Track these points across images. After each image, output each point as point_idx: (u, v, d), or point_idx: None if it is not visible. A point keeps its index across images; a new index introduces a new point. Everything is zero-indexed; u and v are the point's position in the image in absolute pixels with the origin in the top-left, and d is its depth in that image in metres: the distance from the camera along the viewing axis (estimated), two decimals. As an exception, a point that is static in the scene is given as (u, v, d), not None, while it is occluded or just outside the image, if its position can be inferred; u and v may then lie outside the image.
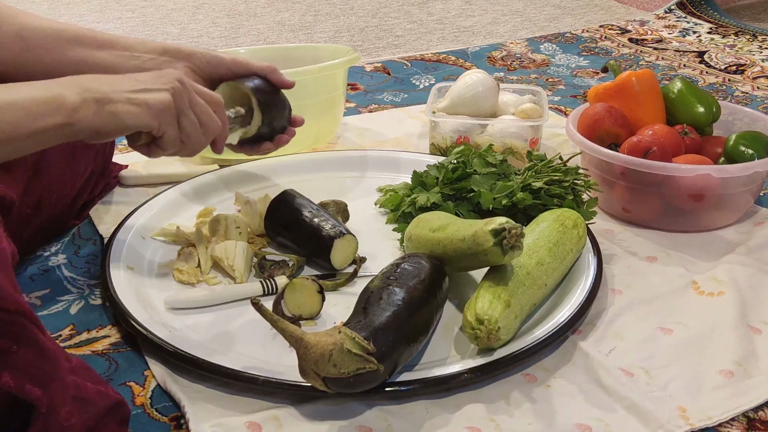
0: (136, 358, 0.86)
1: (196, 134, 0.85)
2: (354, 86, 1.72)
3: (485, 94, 1.30)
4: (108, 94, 0.78)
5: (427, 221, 0.95)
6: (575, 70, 1.86)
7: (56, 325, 0.91)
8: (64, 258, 1.04)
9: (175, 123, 0.83)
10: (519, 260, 0.87)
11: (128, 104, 0.79)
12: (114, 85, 0.79)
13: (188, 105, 0.84)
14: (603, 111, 1.16)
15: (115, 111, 0.78)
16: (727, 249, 1.07)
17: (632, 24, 2.25)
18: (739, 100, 1.64)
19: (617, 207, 1.14)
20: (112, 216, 1.12)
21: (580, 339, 0.88)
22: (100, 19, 2.36)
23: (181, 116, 0.83)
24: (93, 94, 0.77)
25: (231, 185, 1.18)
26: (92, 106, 0.77)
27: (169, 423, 0.77)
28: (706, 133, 1.21)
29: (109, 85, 0.79)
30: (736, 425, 0.78)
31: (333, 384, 0.71)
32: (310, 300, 0.89)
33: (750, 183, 1.09)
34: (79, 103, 0.76)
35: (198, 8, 2.50)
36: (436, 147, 1.30)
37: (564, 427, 0.76)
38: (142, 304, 0.90)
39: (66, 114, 0.75)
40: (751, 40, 2.07)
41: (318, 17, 2.39)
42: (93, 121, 0.77)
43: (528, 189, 1.04)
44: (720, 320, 0.92)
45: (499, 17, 2.38)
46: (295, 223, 1.01)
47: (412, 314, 0.78)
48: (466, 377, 0.79)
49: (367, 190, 1.20)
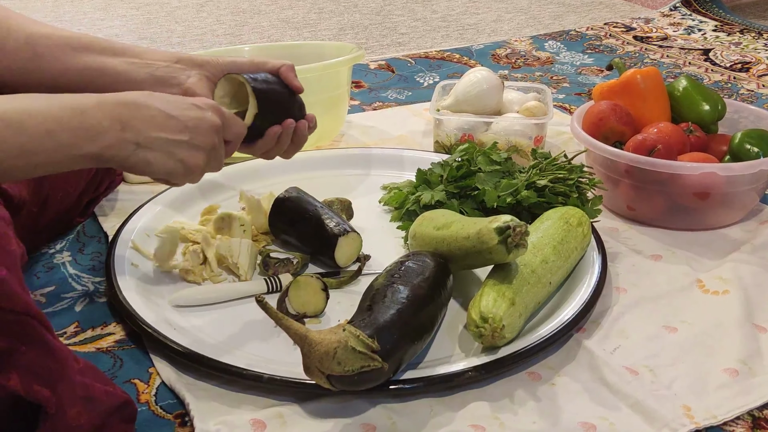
0: (141, 356, 0.86)
1: (201, 174, 0.85)
2: (358, 84, 1.72)
3: (490, 91, 1.30)
4: (148, 140, 0.77)
5: (431, 219, 0.95)
6: (580, 68, 1.85)
7: (61, 322, 0.91)
8: (69, 255, 1.05)
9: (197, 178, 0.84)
10: (523, 258, 0.87)
11: (165, 157, 0.79)
12: (157, 128, 0.78)
13: (213, 157, 0.84)
14: (608, 109, 1.16)
15: (150, 160, 0.78)
16: (732, 247, 1.07)
17: (637, 22, 2.25)
18: (745, 98, 1.64)
19: (622, 205, 1.13)
20: (116, 213, 1.13)
21: (584, 337, 0.88)
22: (104, 17, 2.37)
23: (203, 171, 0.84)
24: (135, 136, 0.76)
25: (235, 183, 1.18)
26: (130, 147, 0.77)
27: (174, 420, 0.78)
28: (711, 131, 1.21)
29: (152, 128, 0.78)
30: (741, 424, 0.78)
31: (337, 382, 0.71)
32: (314, 298, 0.89)
33: (755, 181, 1.08)
34: (117, 142, 0.75)
35: (202, 6, 2.50)
36: (441, 145, 1.30)
37: (568, 425, 0.76)
38: (146, 302, 0.90)
39: (102, 147, 0.75)
40: (757, 38, 2.07)
41: (322, 15, 2.39)
42: (126, 160, 0.77)
43: (532, 187, 1.04)
44: (725, 319, 0.92)
45: (504, 15, 2.38)
46: (299, 220, 1.01)
47: (417, 312, 0.78)
48: (471, 375, 0.79)
49: (372, 187, 1.20)
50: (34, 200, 0.95)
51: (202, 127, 0.81)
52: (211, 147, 0.83)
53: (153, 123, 0.78)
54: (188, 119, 0.80)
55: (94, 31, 2.21)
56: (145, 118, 0.78)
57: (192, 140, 0.80)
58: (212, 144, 0.83)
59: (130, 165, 0.78)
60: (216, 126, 0.83)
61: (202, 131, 0.81)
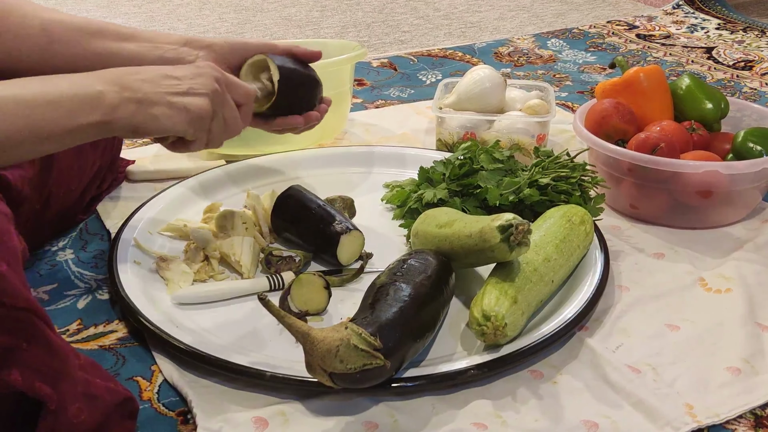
0: (143, 353, 0.86)
1: (219, 135, 0.86)
2: (361, 82, 1.72)
3: (492, 89, 1.30)
4: (148, 95, 0.78)
5: (433, 217, 0.95)
6: (582, 66, 1.85)
7: (63, 320, 0.91)
8: (71, 253, 1.05)
9: (208, 128, 0.84)
10: (526, 256, 0.87)
11: (168, 107, 0.79)
12: (154, 85, 0.79)
13: (221, 107, 0.84)
14: (610, 107, 1.15)
15: (155, 113, 0.78)
16: (735, 246, 1.07)
17: (640, 20, 2.24)
18: (748, 96, 1.64)
19: (624, 203, 1.13)
20: (119, 211, 1.13)
21: (586, 335, 0.88)
22: (107, 15, 2.37)
23: (213, 120, 0.84)
24: (134, 93, 0.77)
25: (238, 181, 1.18)
26: (132, 106, 0.77)
27: (176, 418, 0.78)
28: (714, 129, 1.21)
29: (150, 85, 0.79)
30: (743, 422, 0.78)
31: (339, 379, 0.71)
32: (316, 296, 0.90)
33: (758, 180, 1.08)
34: (118, 102, 0.76)
35: (205, 4, 2.50)
36: (443, 143, 1.30)
37: (570, 423, 0.76)
38: (149, 300, 0.90)
39: (105, 112, 0.75)
40: (760, 36, 2.06)
41: (325, 13, 2.39)
42: (131, 120, 0.77)
43: (535, 185, 1.04)
44: (727, 317, 0.92)
45: (506, 13, 2.38)
46: (301, 218, 1.01)
47: (419, 310, 0.78)
48: (473, 373, 0.79)
49: (374, 185, 1.20)
50: (36, 197, 0.96)
51: (201, 75, 0.83)
52: (213, 93, 0.83)
53: (150, 81, 0.79)
54: (184, 73, 0.82)
55: (96, 28, 2.21)
56: (141, 78, 0.79)
57: (191, 89, 0.81)
58: (214, 90, 0.83)
59: (135, 125, 0.78)
60: (215, 76, 0.84)
61: (201, 78, 0.82)
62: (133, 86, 0.78)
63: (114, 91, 0.76)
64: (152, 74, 0.80)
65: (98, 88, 0.75)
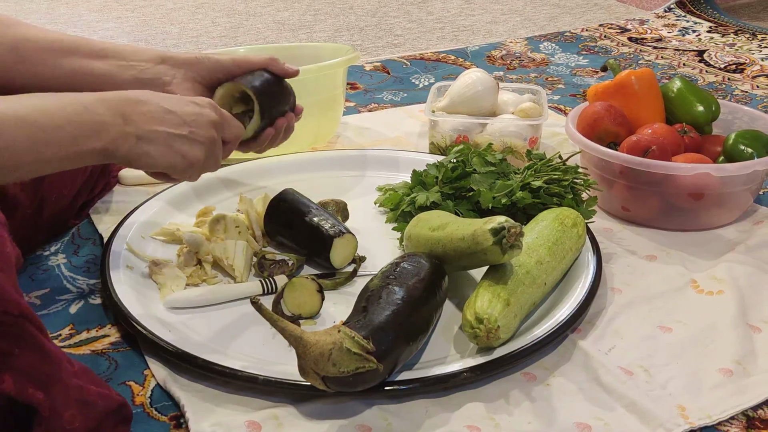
0: (136, 358, 0.86)
1: (200, 173, 0.87)
2: (354, 85, 1.72)
3: (485, 93, 1.30)
4: (149, 133, 0.79)
5: (426, 220, 0.95)
6: (575, 69, 1.86)
7: (56, 324, 0.91)
8: (63, 257, 1.04)
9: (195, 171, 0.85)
10: (518, 259, 0.87)
11: (166, 148, 0.80)
12: (157, 122, 0.80)
13: (212, 153, 0.85)
14: (602, 110, 1.16)
15: (152, 153, 0.80)
16: (726, 248, 1.07)
17: (632, 23, 2.25)
18: (739, 99, 1.64)
19: (617, 206, 1.14)
20: (111, 215, 1.12)
21: (579, 338, 0.88)
22: (99, 19, 2.36)
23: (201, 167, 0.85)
24: (136, 129, 0.78)
25: (230, 185, 1.18)
26: (131, 140, 0.78)
27: (169, 422, 0.78)
28: (705, 132, 1.21)
29: (152, 122, 0.79)
30: (735, 424, 0.78)
31: (332, 383, 0.71)
32: (309, 299, 0.89)
33: (749, 182, 1.09)
34: (120, 134, 0.77)
35: (198, 8, 2.50)
36: (436, 146, 1.30)
37: (564, 425, 0.76)
38: (141, 304, 0.90)
39: (106, 141, 0.76)
40: (751, 39, 2.07)
41: (318, 16, 2.39)
42: (128, 153, 0.78)
43: (527, 188, 1.04)
44: (719, 319, 0.92)
45: (499, 16, 2.38)
46: (294, 222, 1.01)
47: (412, 313, 0.78)
48: (466, 376, 0.79)
49: (367, 189, 1.20)
50: (29, 202, 0.95)
51: (201, 122, 0.83)
52: (210, 141, 0.84)
53: (153, 117, 0.80)
54: (187, 114, 0.82)
55: (89, 32, 2.21)
56: (145, 112, 0.80)
57: (191, 134, 0.82)
58: (211, 138, 0.84)
59: (132, 158, 0.79)
60: (214, 121, 0.85)
61: (201, 125, 0.83)
62: (136, 120, 0.78)
63: (118, 124, 0.77)
64: (155, 108, 0.80)
65: (103, 116, 0.76)
